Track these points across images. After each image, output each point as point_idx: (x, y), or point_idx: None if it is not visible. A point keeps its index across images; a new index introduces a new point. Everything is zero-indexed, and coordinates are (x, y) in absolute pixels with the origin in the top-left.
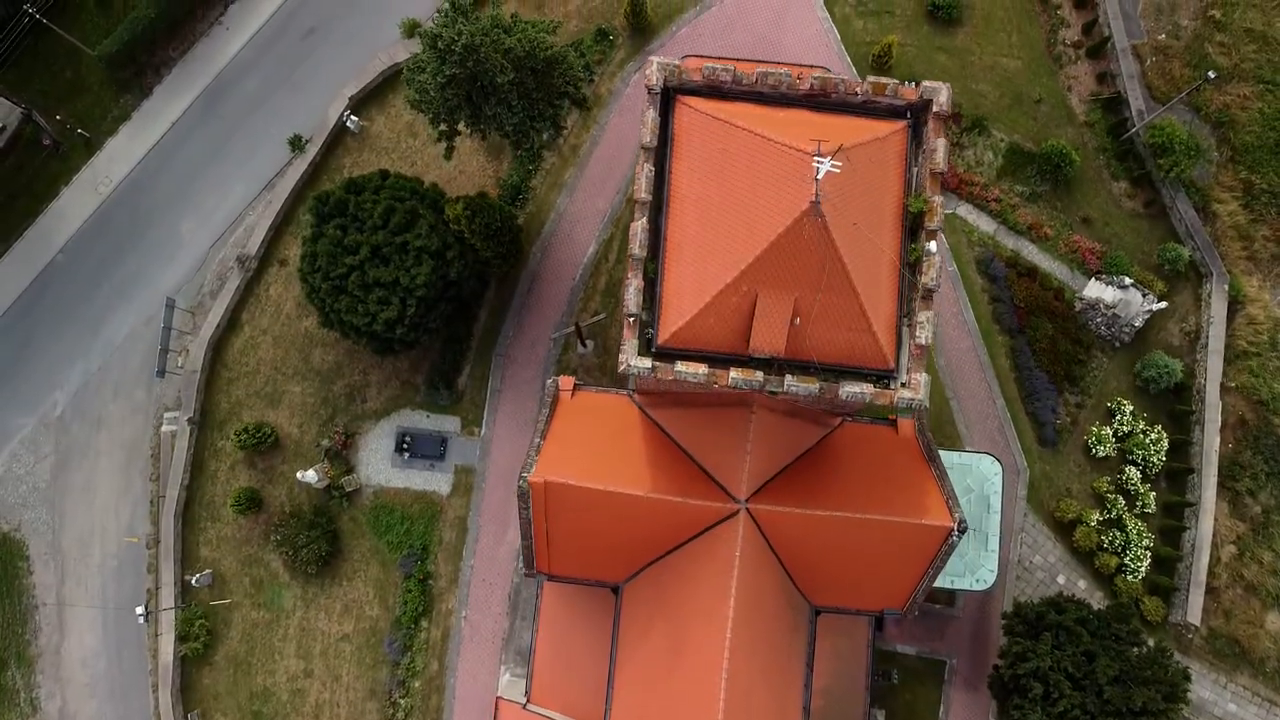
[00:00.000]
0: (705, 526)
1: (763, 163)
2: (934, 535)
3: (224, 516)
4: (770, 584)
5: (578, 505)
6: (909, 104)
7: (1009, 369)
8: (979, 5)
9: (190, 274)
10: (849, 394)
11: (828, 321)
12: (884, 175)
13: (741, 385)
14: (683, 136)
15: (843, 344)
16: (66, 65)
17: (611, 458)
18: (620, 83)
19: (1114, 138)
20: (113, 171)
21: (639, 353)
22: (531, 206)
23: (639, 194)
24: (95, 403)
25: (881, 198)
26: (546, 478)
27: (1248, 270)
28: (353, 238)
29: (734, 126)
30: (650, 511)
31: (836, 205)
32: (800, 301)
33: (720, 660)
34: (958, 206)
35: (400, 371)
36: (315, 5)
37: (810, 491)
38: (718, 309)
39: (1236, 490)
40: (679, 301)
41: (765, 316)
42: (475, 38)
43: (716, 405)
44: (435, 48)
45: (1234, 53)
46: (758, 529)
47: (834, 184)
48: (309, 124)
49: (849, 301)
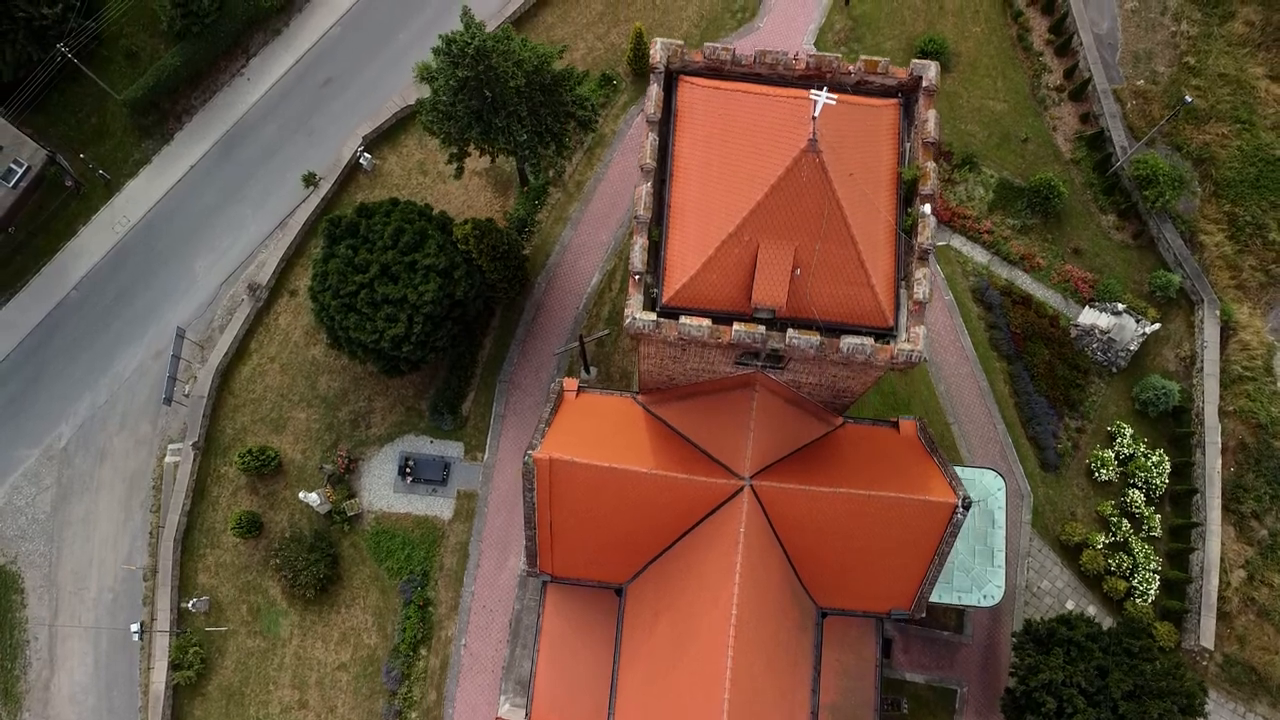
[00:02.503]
0: (710, 509)
1: (763, 116)
2: (939, 512)
3: (223, 543)
4: (775, 575)
5: (582, 486)
6: (900, 83)
7: (1008, 394)
8: (965, 52)
9: (201, 310)
10: (850, 346)
11: (828, 275)
12: (878, 142)
13: (745, 338)
14: (685, 111)
15: (843, 299)
16: (93, 111)
17: (616, 443)
18: (624, 124)
19: (1100, 173)
20: (130, 212)
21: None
22: (537, 239)
23: (643, 160)
24: (100, 435)
25: (877, 164)
26: (552, 455)
27: (1238, 298)
28: (363, 257)
29: (735, 91)
30: (655, 490)
31: (833, 148)
32: (801, 252)
33: (725, 646)
34: (951, 238)
35: (405, 397)
36: (333, 57)
37: (814, 471)
38: (721, 263)
39: (1242, 513)
40: (683, 261)
41: (767, 267)
42: (487, 43)
43: (719, 392)
44: (449, 52)
45: (1210, 95)
46: (762, 510)
47: (830, 129)
48: (323, 165)
49: (848, 251)
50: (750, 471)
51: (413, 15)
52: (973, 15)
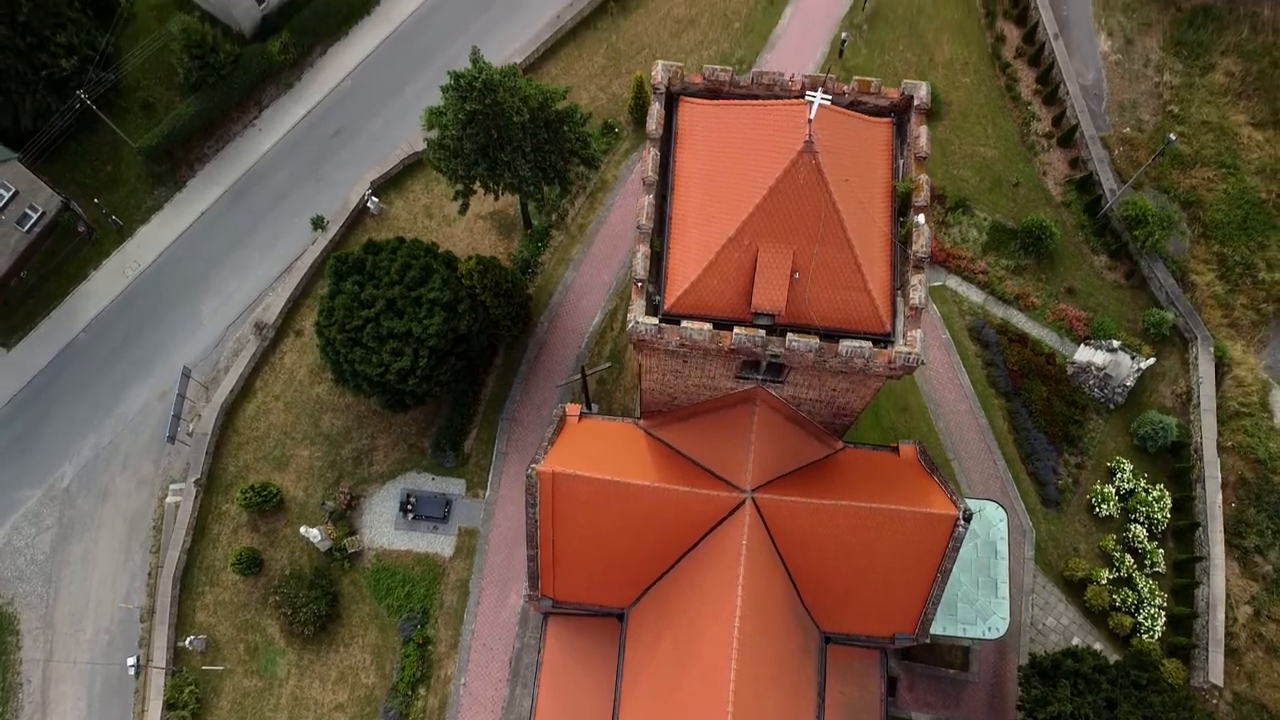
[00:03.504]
0: (712, 524)
1: (760, 124)
2: (940, 526)
3: (222, 581)
4: (778, 592)
5: (584, 501)
6: (893, 103)
7: (1007, 430)
8: (956, 101)
9: (207, 351)
10: (848, 350)
11: (825, 279)
12: (872, 155)
13: (745, 342)
14: (686, 128)
15: (841, 304)
16: (108, 159)
17: (618, 462)
18: (625, 170)
19: (1090, 215)
20: (141, 256)
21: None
22: (540, 279)
23: (645, 173)
24: (103, 475)
25: (871, 176)
26: (555, 468)
27: (1231, 335)
28: (369, 292)
29: (735, 105)
30: (657, 504)
31: (829, 152)
32: (799, 256)
33: (728, 660)
34: (947, 279)
35: (407, 435)
36: (343, 109)
37: (814, 486)
38: (721, 268)
39: (1245, 548)
40: (684, 269)
41: (766, 271)
42: (494, 78)
43: (720, 409)
44: (458, 87)
45: (1194, 141)
46: (763, 525)
47: (826, 135)
48: (331, 209)
49: (845, 255)
50: (751, 485)
51: (421, 69)
52: (962, 67)
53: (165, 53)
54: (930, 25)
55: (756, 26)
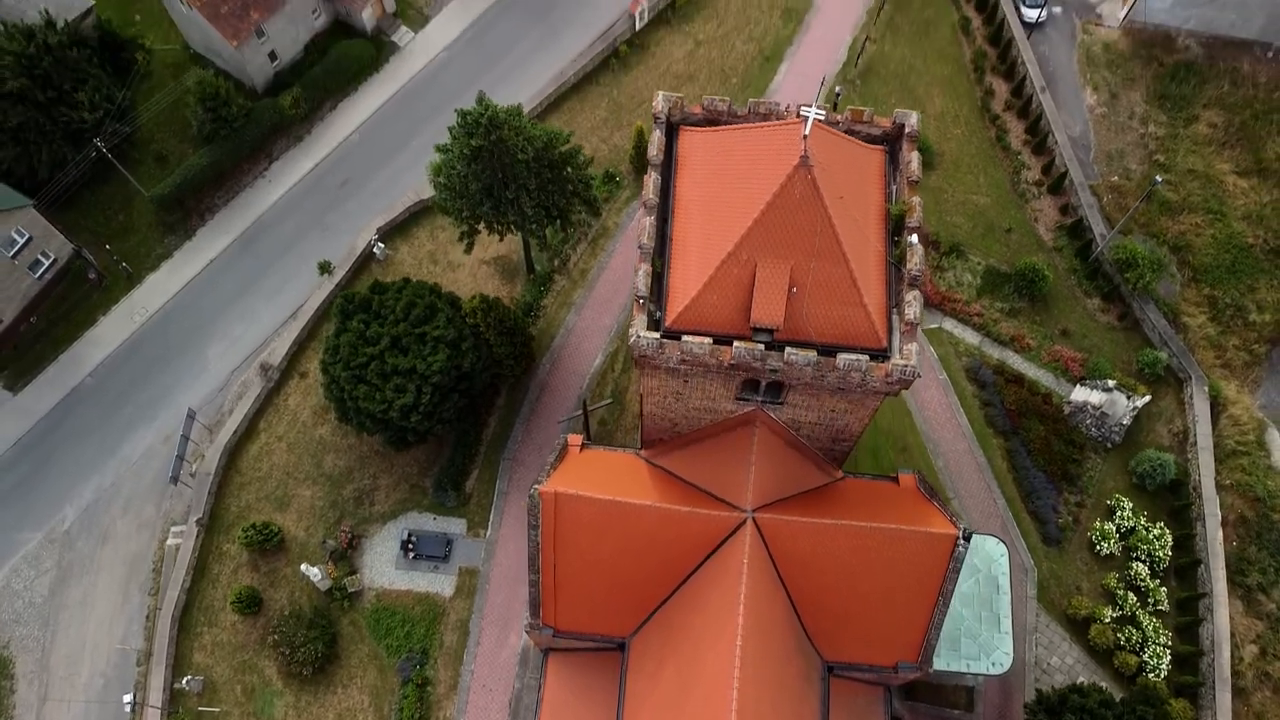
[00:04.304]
0: (713, 545)
1: (758, 144)
2: (940, 545)
3: (221, 621)
4: (779, 615)
5: (586, 523)
6: (885, 132)
7: (1006, 469)
8: (948, 151)
9: (212, 395)
10: (846, 362)
11: (822, 294)
12: (866, 180)
13: (745, 355)
14: (686, 155)
15: (838, 319)
16: (121, 209)
17: (620, 486)
18: (626, 217)
19: (1081, 259)
20: (149, 303)
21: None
22: (542, 322)
23: (646, 196)
24: (104, 518)
25: (865, 198)
26: (557, 489)
27: (1225, 376)
28: (374, 330)
29: (733, 129)
30: (658, 525)
31: (824, 169)
32: (796, 271)
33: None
34: (943, 321)
35: (409, 475)
36: (350, 161)
37: (815, 508)
38: (720, 284)
39: (1248, 586)
40: (684, 287)
41: (765, 286)
42: (499, 115)
43: (721, 433)
44: (464, 123)
45: (1180, 189)
46: (764, 546)
47: (821, 153)
48: (338, 256)
49: (841, 270)
50: (752, 505)
51: (426, 124)
52: (953, 119)
53: (179, 106)
54: (921, 80)
55: (753, 82)
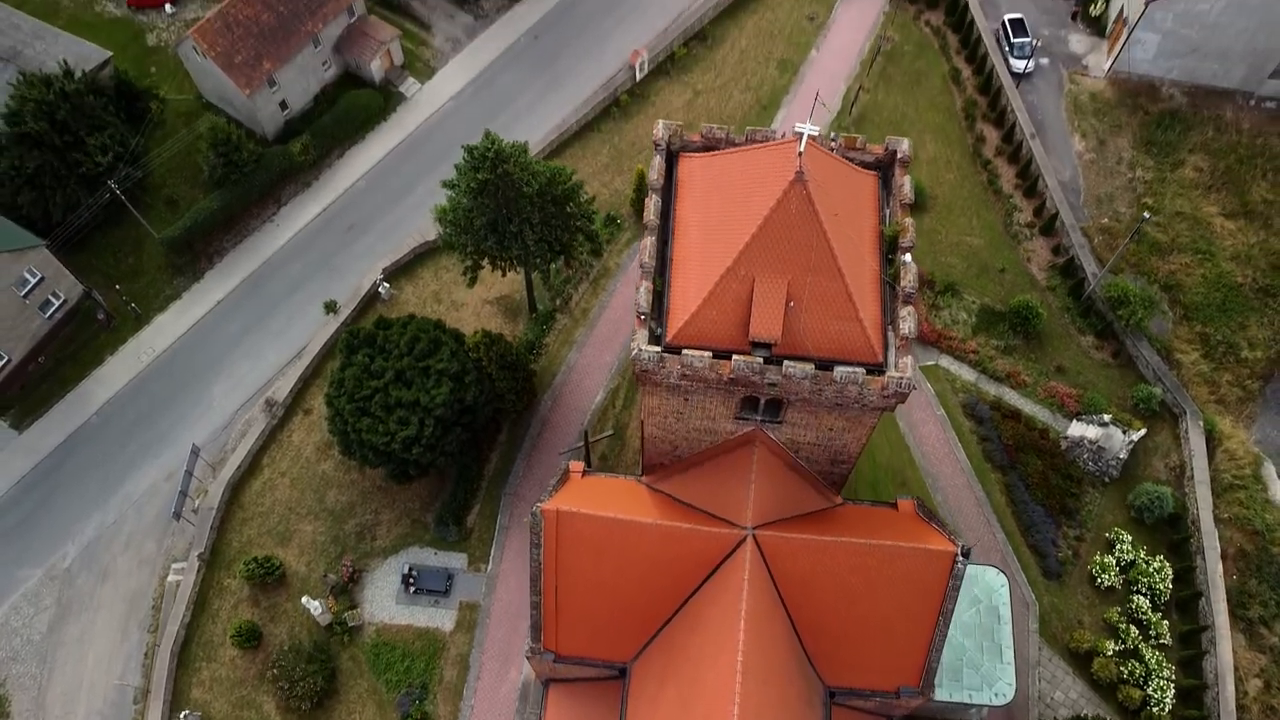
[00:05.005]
0: (714, 563)
1: (755, 164)
2: (940, 562)
3: (220, 656)
4: (780, 634)
5: (588, 542)
6: (878, 159)
7: (1005, 503)
8: (941, 195)
9: (216, 433)
10: (842, 375)
11: (819, 309)
12: (860, 202)
13: (744, 369)
14: (685, 180)
15: (834, 334)
16: (131, 251)
17: (622, 507)
18: (626, 258)
19: (1075, 298)
20: (156, 343)
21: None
22: (544, 360)
23: (647, 217)
24: (105, 555)
25: (860, 221)
26: (559, 507)
27: (1219, 411)
28: (379, 364)
29: (731, 153)
30: (659, 543)
31: (820, 187)
32: (793, 286)
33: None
34: (939, 358)
35: (411, 510)
36: (357, 206)
37: (815, 528)
38: (719, 299)
39: (1249, 619)
40: (684, 303)
41: (762, 301)
42: (505, 149)
43: (721, 455)
44: (471, 157)
45: (1169, 230)
46: (764, 564)
47: (816, 172)
48: (343, 296)
49: (836, 285)
50: (752, 523)
51: (432, 171)
52: (945, 164)
53: (191, 152)
54: (914, 127)
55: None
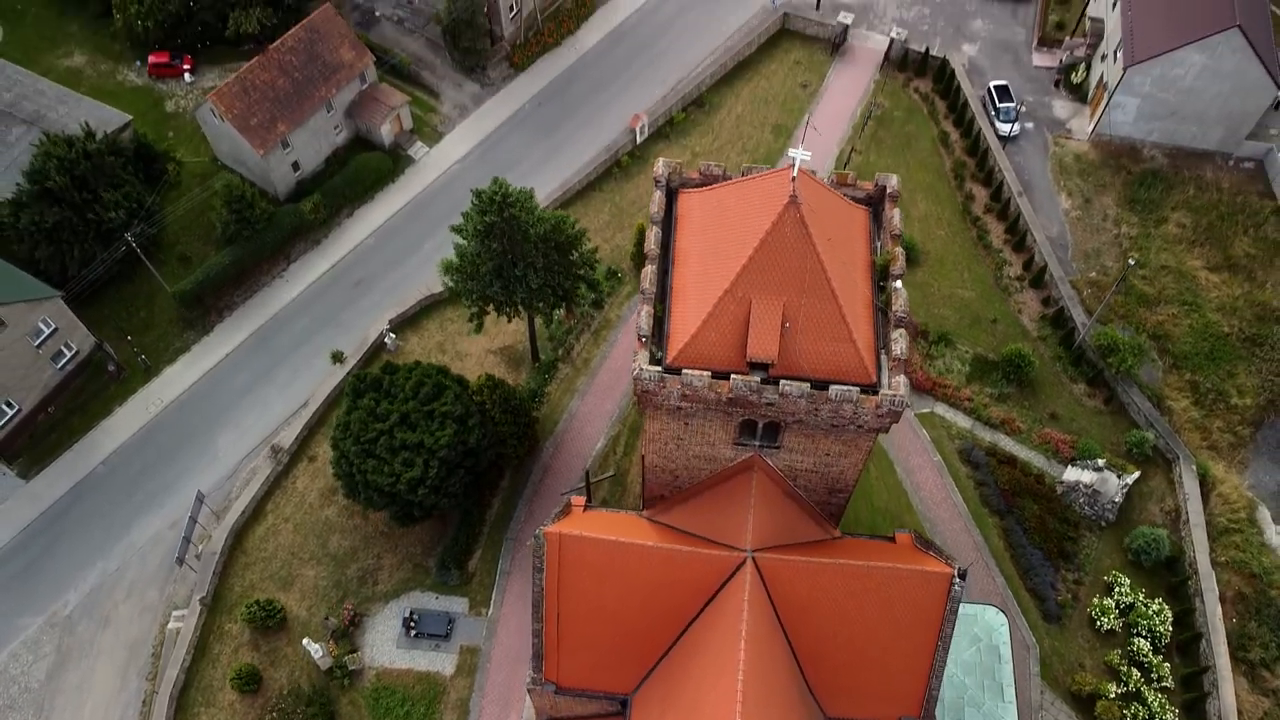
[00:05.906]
0: (714, 587)
1: (751, 193)
2: (937, 585)
3: (219, 701)
4: (780, 658)
5: (590, 565)
6: (868, 194)
7: (1003, 548)
8: (933, 250)
9: (221, 483)
10: (838, 393)
11: (813, 330)
12: (852, 232)
13: (742, 388)
14: (685, 214)
15: (829, 355)
16: (143, 305)
17: (624, 533)
18: (627, 310)
19: (1065, 347)
20: (165, 394)
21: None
22: (546, 408)
23: (648, 248)
24: (106, 603)
25: (853, 250)
26: (562, 531)
27: (1212, 456)
28: (384, 407)
29: (728, 184)
30: (660, 567)
31: (813, 212)
32: (789, 307)
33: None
34: (935, 406)
35: (413, 555)
36: (365, 262)
37: (813, 552)
38: (717, 321)
39: (1250, 662)
40: (684, 325)
41: (759, 323)
42: (512, 194)
43: (720, 484)
44: (479, 201)
45: (1155, 283)
46: (764, 588)
47: (810, 198)
48: (350, 348)
49: (830, 306)
50: (752, 546)
51: (438, 228)
52: (936, 220)
53: (205, 210)
54: (905, 187)
55: None
